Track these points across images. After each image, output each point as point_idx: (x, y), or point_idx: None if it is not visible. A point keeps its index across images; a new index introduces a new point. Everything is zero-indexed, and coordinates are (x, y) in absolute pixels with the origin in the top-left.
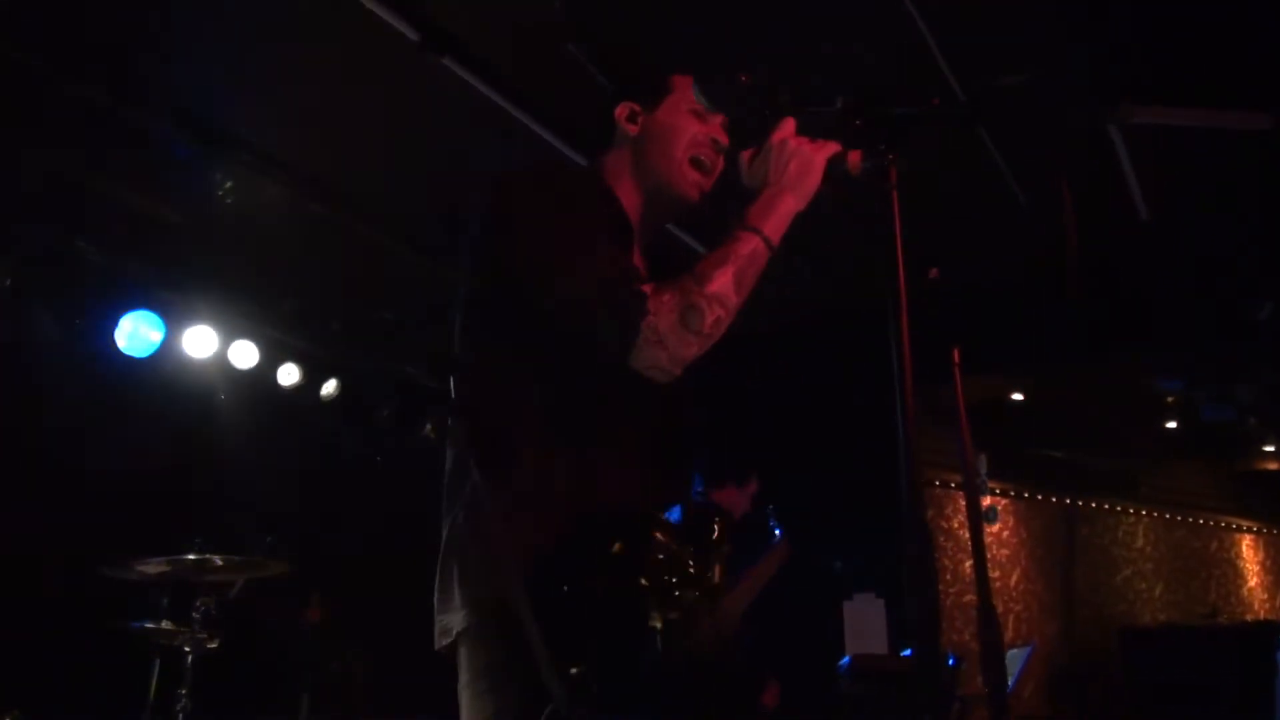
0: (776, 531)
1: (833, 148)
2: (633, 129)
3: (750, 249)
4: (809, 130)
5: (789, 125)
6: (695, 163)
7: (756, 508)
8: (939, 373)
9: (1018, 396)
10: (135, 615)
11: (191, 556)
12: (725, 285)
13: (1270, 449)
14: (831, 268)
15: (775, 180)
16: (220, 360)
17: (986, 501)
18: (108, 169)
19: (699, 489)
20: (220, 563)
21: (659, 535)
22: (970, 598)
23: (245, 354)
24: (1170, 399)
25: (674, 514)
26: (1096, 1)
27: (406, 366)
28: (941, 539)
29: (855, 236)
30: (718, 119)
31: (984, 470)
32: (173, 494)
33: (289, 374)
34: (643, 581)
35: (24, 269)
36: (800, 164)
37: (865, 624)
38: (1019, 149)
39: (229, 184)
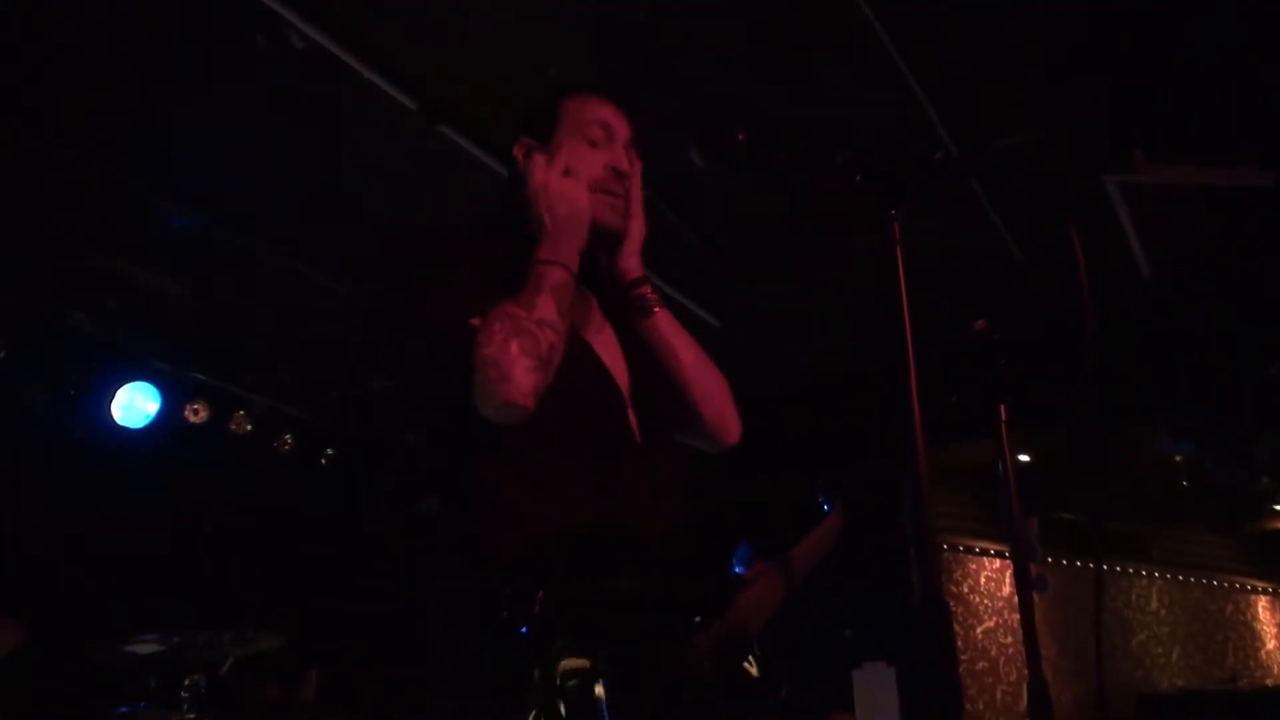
0: (825, 507)
1: (582, 188)
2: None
3: (558, 278)
4: (810, 186)
5: (614, 144)
6: (606, 193)
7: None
8: (970, 430)
9: (1025, 458)
10: (121, 696)
11: (181, 634)
12: (550, 312)
13: None
14: (844, 327)
15: (550, 224)
16: (216, 430)
17: (1035, 570)
18: (103, 240)
19: (738, 570)
20: (210, 639)
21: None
22: (982, 664)
23: (240, 423)
24: (1180, 459)
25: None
26: (1095, 60)
27: (407, 435)
28: (953, 604)
29: (854, 298)
30: (620, 139)
31: (1035, 535)
32: (164, 569)
33: (286, 443)
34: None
35: (18, 341)
36: (567, 207)
37: (875, 694)
38: (1018, 208)
39: None
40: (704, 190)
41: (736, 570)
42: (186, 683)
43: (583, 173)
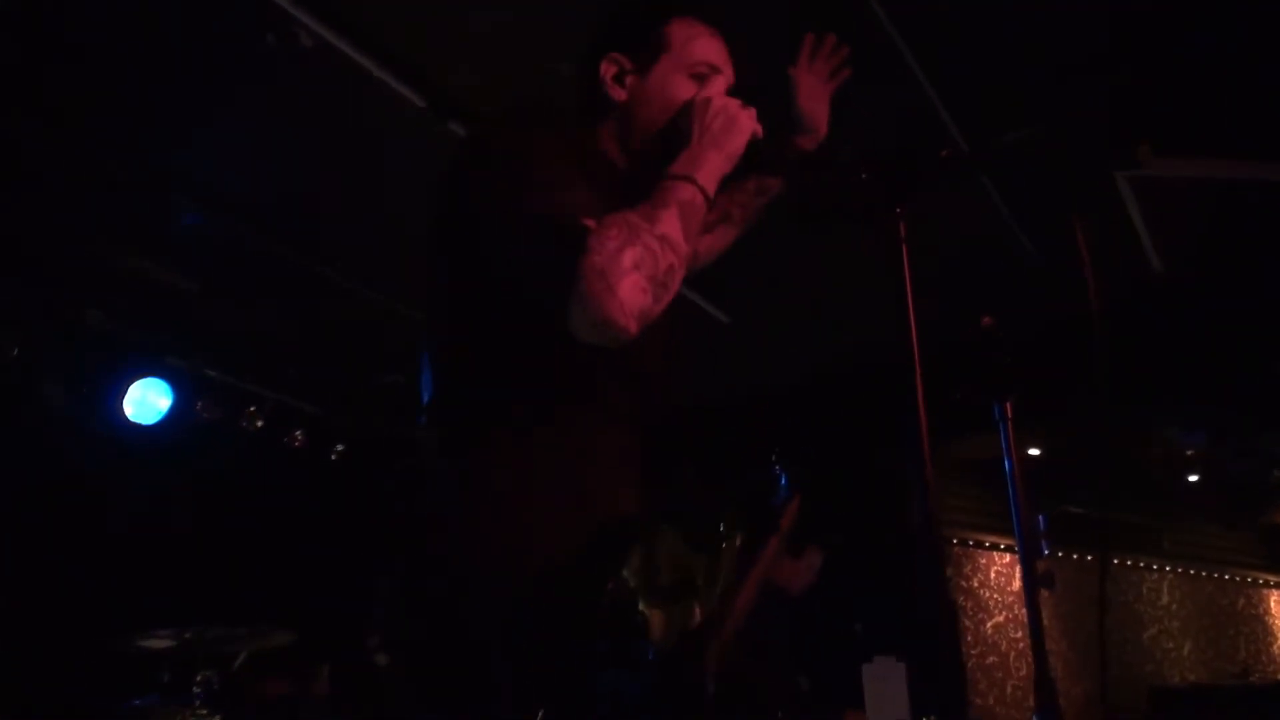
0: (783, 482)
1: (757, 127)
2: (619, 93)
3: (689, 195)
4: (819, 184)
5: (716, 84)
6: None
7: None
8: (977, 425)
9: (1034, 452)
10: (133, 690)
11: (194, 629)
12: (675, 229)
13: None
14: (853, 323)
15: (699, 138)
16: (228, 426)
17: (1042, 566)
18: (116, 237)
19: (774, 502)
20: (223, 634)
21: (664, 547)
22: (993, 659)
23: (252, 420)
24: (1191, 452)
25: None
26: (1104, 55)
27: (417, 431)
28: (962, 599)
29: (863, 294)
30: (720, 81)
31: (1042, 530)
32: (177, 564)
33: (297, 439)
34: (642, 608)
35: (33, 337)
36: (725, 121)
37: (885, 688)
38: (1028, 201)
39: None
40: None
41: (783, 482)
42: (199, 678)
43: (678, 108)
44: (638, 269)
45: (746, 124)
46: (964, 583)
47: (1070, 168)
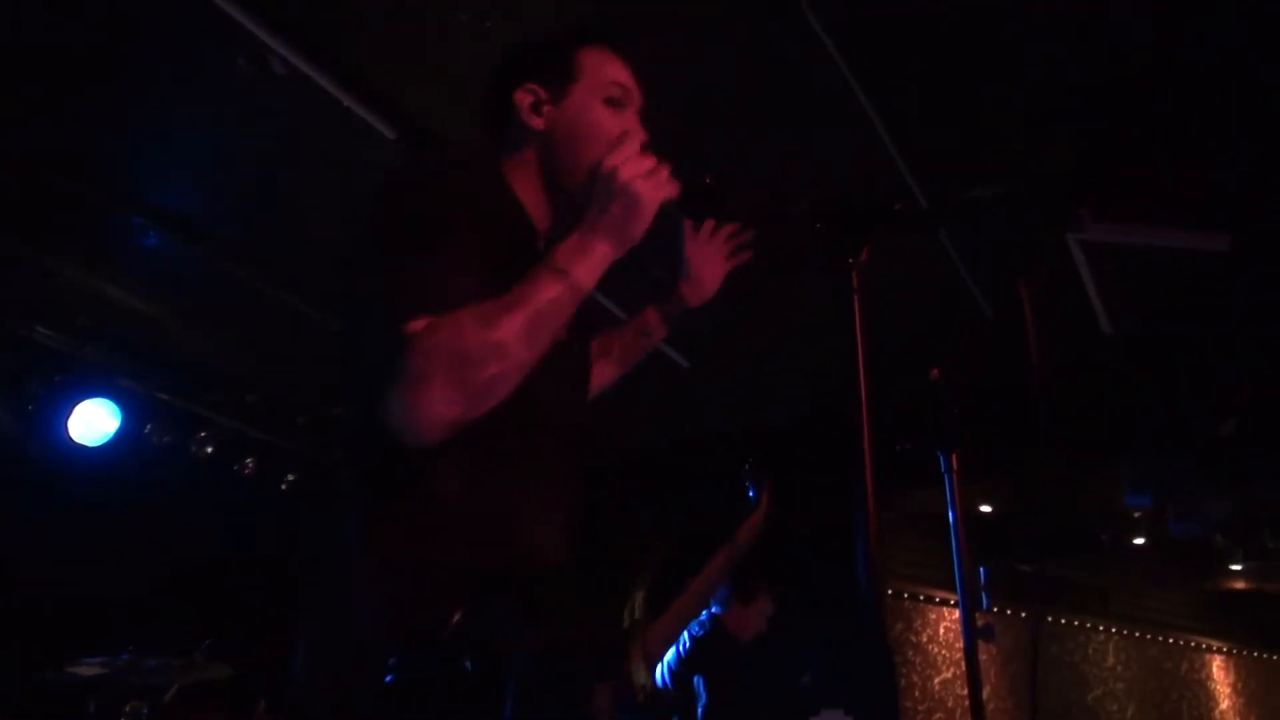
0: (750, 494)
1: (670, 191)
2: (537, 122)
3: (552, 295)
4: (773, 233)
5: (625, 148)
6: (634, 160)
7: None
8: (928, 478)
9: (986, 508)
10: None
11: (127, 658)
12: (514, 334)
13: (1238, 568)
14: (810, 371)
15: (593, 219)
16: (176, 451)
17: (981, 619)
18: (75, 255)
19: (713, 610)
20: (158, 665)
21: (559, 595)
22: (939, 716)
23: (201, 445)
24: (1138, 514)
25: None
26: (1060, 117)
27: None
28: (910, 654)
29: (819, 341)
30: (633, 106)
31: (983, 584)
32: (115, 591)
33: (248, 466)
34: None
35: None
36: (625, 206)
37: None
38: (983, 258)
39: None
40: (673, 231)
41: (750, 494)
42: (127, 709)
43: (602, 134)
44: (449, 380)
45: (651, 203)
46: (913, 637)
47: (1025, 227)
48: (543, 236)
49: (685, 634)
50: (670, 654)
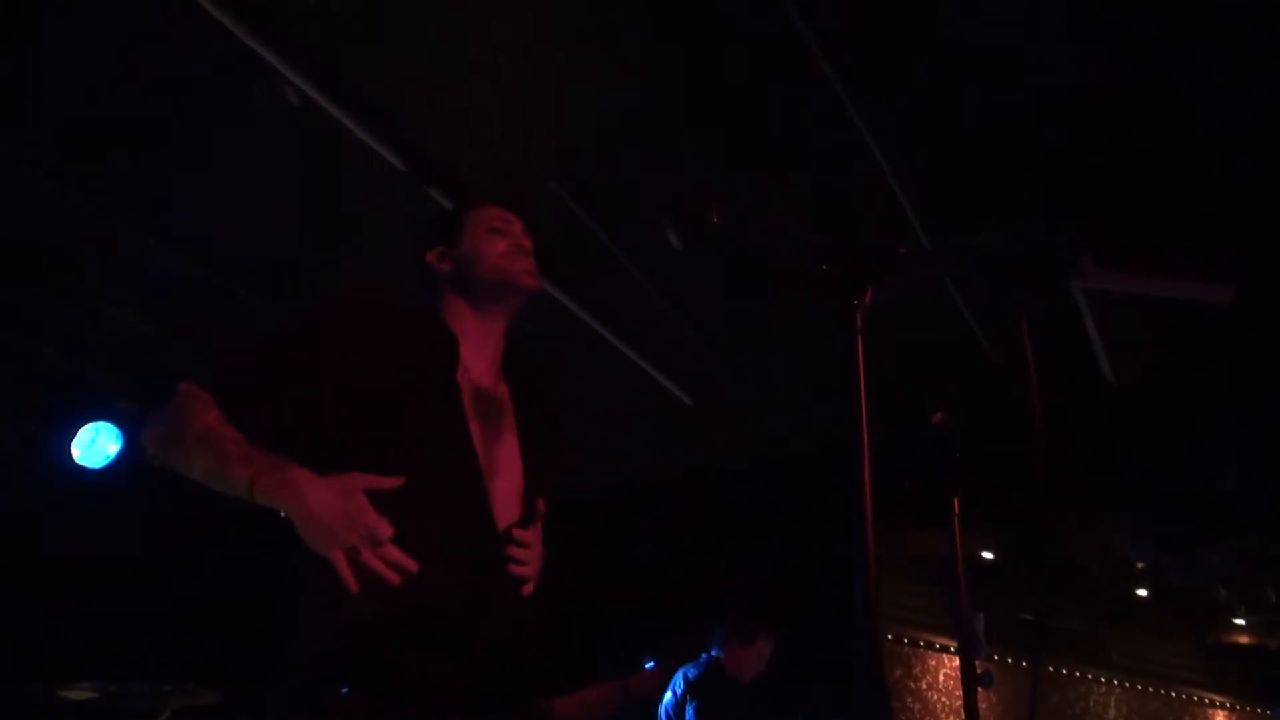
0: (648, 665)
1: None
2: (446, 266)
3: (215, 465)
4: (780, 270)
5: (514, 228)
6: (512, 260)
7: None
8: (928, 521)
9: (988, 555)
10: None
11: (118, 683)
12: (199, 459)
13: (1240, 621)
14: (814, 411)
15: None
16: (178, 475)
17: (981, 667)
18: (83, 276)
19: (712, 653)
20: (149, 690)
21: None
22: None
23: None
24: (1141, 565)
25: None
26: (1067, 165)
27: None
28: (909, 700)
29: (824, 380)
30: (516, 226)
31: (982, 630)
32: (111, 615)
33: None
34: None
35: None
36: (320, 531)
37: None
38: (986, 302)
39: None
40: (680, 269)
41: (714, 653)
42: None
43: (492, 248)
44: (153, 428)
45: (339, 545)
46: (913, 684)
47: (1030, 272)
48: (465, 368)
49: (680, 676)
50: (667, 697)
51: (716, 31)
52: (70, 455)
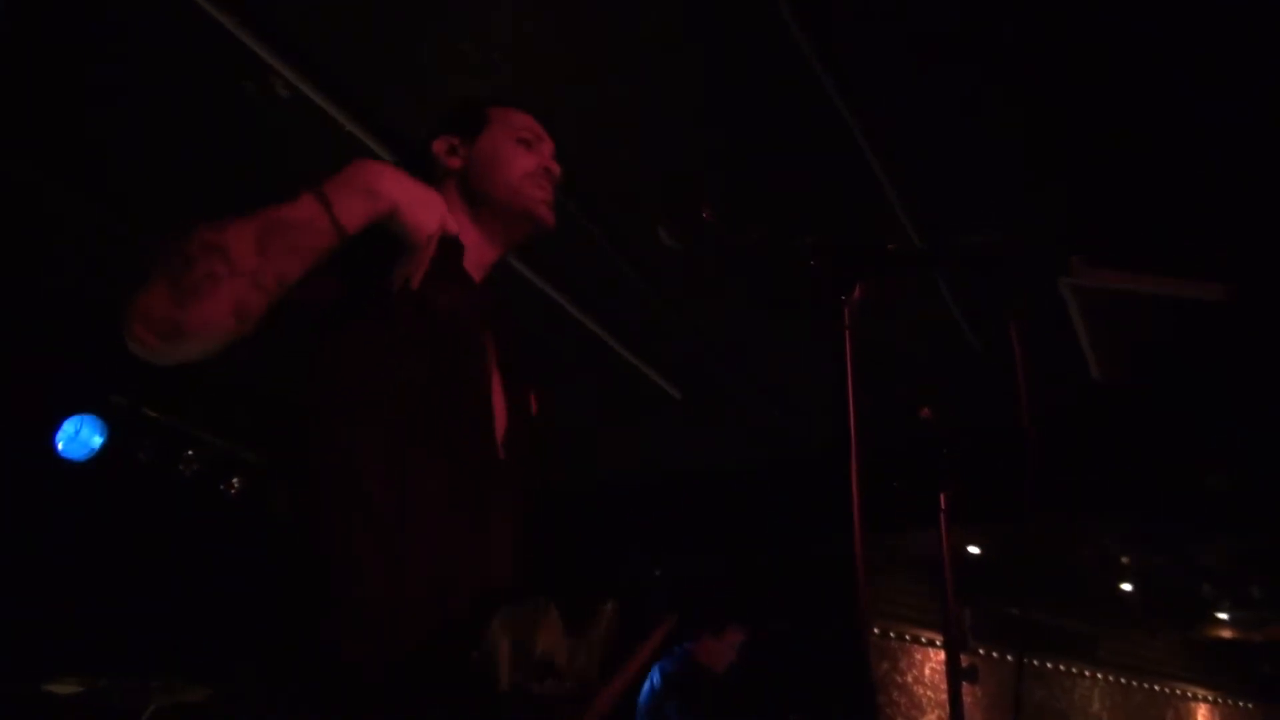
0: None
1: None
2: (454, 162)
3: (300, 215)
4: (767, 268)
5: (543, 149)
6: (535, 184)
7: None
8: (917, 518)
9: (975, 550)
10: None
11: (105, 678)
12: (239, 237)
13: (1224, 616)
14: (804, 407)
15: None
16: (164, 469)
17: (966, 661)
18: (72, 268)
19: (684, 645)
20: (136, 685)
21: (535, 624)
22: None
23: (187, 463)
24: (1126, 560)
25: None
26: (1058, 162)
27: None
28: (895, 694)
29: (814, 377)
30: (547, 146)
31: (968, 625)
32: (97, 609)
33: (234, 487)
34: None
35: None
36: (414, 195)
37: None
38: (975, 300)
39: None
40: (671, 264)
41: (686, 645)
42: None
43: (515, 162)
44: (164, 276)
45: (431, 217)
46: (899, 678)
47: (1019, 271)
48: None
49: (655, 670)
50: (644, 689)
51: (710, 31)
52: (53, 447)
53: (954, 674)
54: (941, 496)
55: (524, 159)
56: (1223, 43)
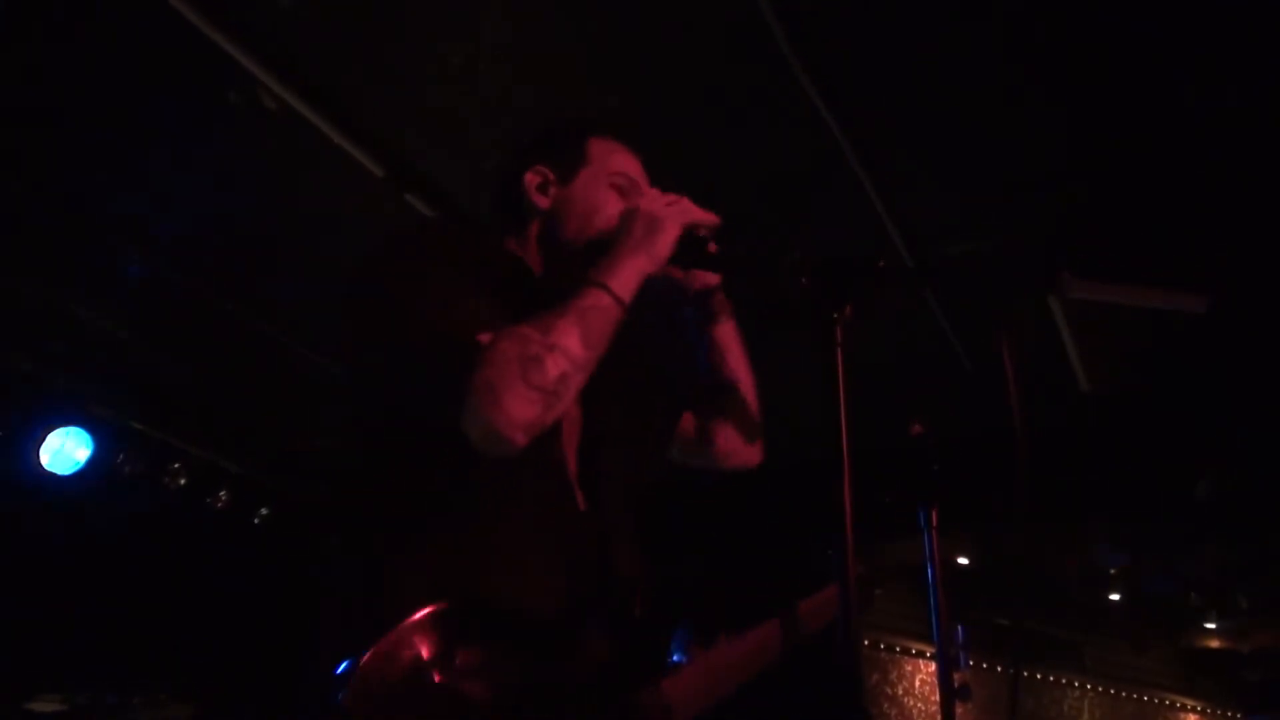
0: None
1: (688, 212)
2: (543, 201)
3: (594, 302)
4: (759, 285)
5: (635, 197)
6: None
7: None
8: (907, 531)
9: (963, 561)
10: None
11: (87, 695)
12: (570, 337)
13: (1212, 626)
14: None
15: (620, 244)
16: (150, 482)
17: (959, 679)
18: (55, 280)
19: (675, 657)
20: (119, 702)
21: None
22: None
23: (174, 476)
24: (1114, 571)
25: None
26: (1045, 176)
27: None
28: (886, 706)
29: (807, 392)
30: (638, 194)
31: (961, 641)
32: (80, 624)
33: (221, 500)
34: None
35: None
36: (646, 225)
37: None
38: (964, 314)
39: None
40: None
41: (675, 658)
42: None
43: (603, 212)
44: (525, 381)
45: (672, 224)
46: (889, 690)
47: (1008, 284)
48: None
49: None
50: None
51: (697, 40)
52: (38, 460)
53: (947, 693)
54: (932, 512)
55: (616, 209)
56: (1222, 42)
